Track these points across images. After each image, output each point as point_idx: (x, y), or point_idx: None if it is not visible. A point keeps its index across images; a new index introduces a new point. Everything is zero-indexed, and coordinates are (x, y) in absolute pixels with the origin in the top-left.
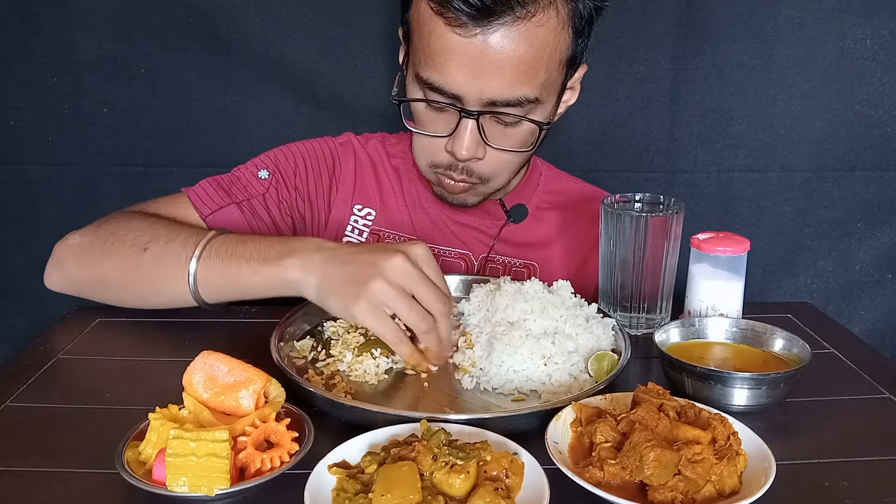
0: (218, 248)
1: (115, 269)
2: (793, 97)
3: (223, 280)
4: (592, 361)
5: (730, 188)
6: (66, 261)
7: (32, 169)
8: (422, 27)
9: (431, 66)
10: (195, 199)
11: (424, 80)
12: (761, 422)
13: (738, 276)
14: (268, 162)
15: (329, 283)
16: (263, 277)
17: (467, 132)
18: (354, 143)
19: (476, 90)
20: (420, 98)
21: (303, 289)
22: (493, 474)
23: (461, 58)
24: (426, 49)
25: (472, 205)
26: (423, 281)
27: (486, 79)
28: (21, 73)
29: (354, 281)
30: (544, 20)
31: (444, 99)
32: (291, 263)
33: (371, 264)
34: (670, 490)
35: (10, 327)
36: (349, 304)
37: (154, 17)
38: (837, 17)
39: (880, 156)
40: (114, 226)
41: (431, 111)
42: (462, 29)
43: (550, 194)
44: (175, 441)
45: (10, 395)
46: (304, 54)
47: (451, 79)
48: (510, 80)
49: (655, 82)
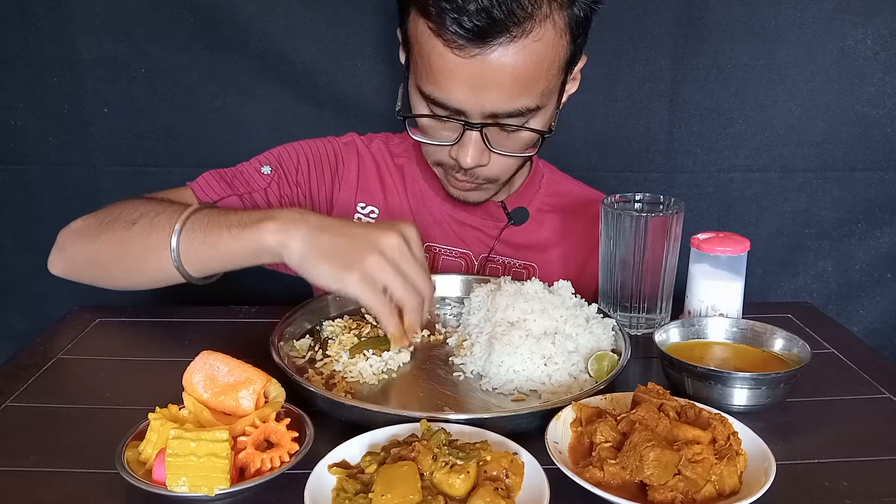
0: (201, 218)
1: (106, 246)
2: (793, 97)
3: (204, 249)
4: (592, 361)
5: (730, 188)
6: (66, 244)
7: (32, 169)
8: (421, 45)
9: (433, 83)
10: (197, 190)
11: (426, 94)
12: (761, 422)
13: (738, 276)
14: (271, 158)
15: (319, 251)
16: (243, 243)
17: (472, 143)
18: (358, 143)
19: (477, 105)
20: (425, 114)
21: (283, 253)
22: (493, 474)
23: (461, 77)
24: (426, 66)
25: (481, 202)
26: (413, 261)
27: (487, 94)
28: (21, 73)
29: (349, 252)
30: (541, 34)
31: (447, 112)
32: (270, 227)
33: (367, 239)
34: (670, 490)
35: (11, 327)
36: (342, 274)
37: (154, 16)
38: (838, 17)
39: (881, 156)
40: (115, 209)
41: (436, 121)
42: (460, 50)
43: (552, 197)
44: (175, 441)
45: (10, 395)
46: (305, 54)
47: (452, 95)
48: (510, 94)
49: (655, 82)
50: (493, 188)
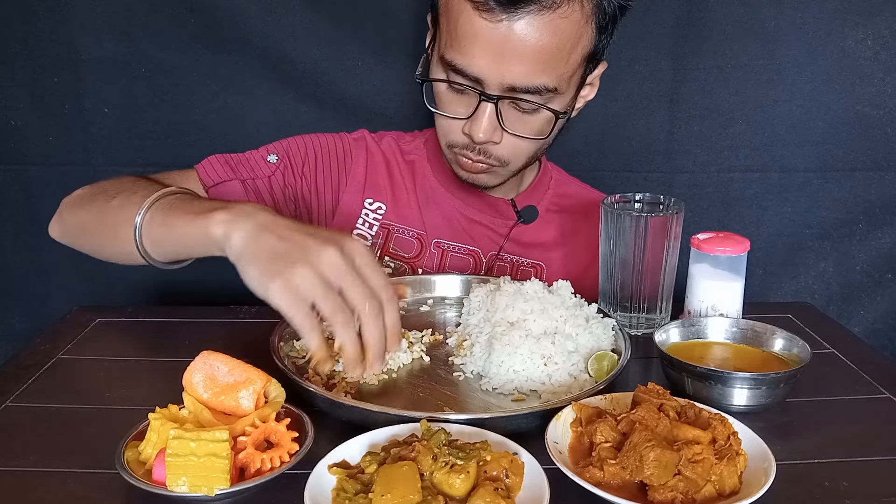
0: (171, 201)
1: (90, 215)
2: (793, 97)
3: (161, 230)
4: (592, 361)
5: (730, 188)
6: (63, 210)
7: (32, 169)
8: (450, 10)
9: (456, 49)
10: (200, 171)
11: (448, 61)
12: (761, 422)
13: (738, 276)
14: (279, 148)
15: (253, 251)
16: (194, 229)
17: (486, 115)
18: (368, 140)
19: (497, 75)
20: (442, 79)
21: (224, 247)
22: (493, 474)
23: (485, 42)
24: (452, 32)
25: (490, 186)
26: (353, 277)
27: (508, 65)
28: (21, 72)
29: (280, 258)
30: (568, 12)
31: (466, 81)
32: (219, 217)
33: (303, 247)
34: (670, 490)
35: (11, 327)
36: (265, 280)
37: (155, 16)
38: (838, 17)
39: (881, 156)
40: (109, 182)
41: (452, 93)
42: (489, 14)
43: (560, 198)
44: (175, 441)
45: (10, 395)
46: (306, 54)
47: (474, 62)
48: (531, 68)
49: (656, 82)
50: (503, 173)
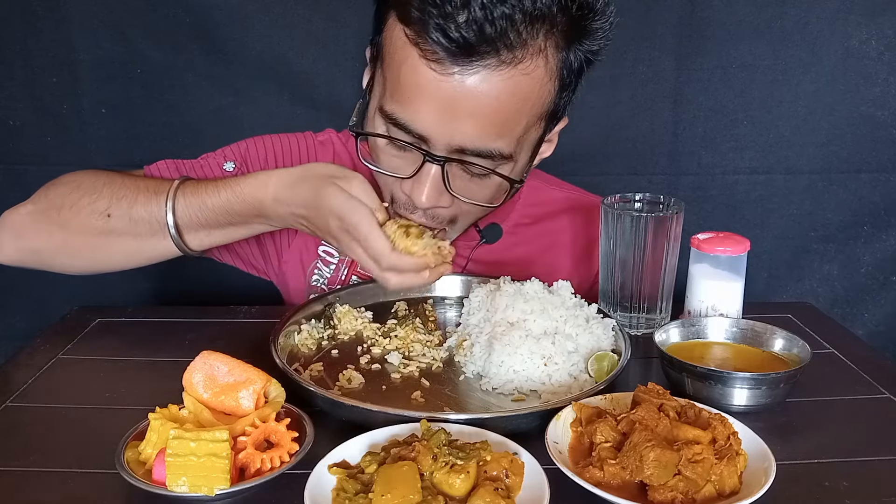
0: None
1: (81, 235)
2: (798, 98)
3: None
4: (592, 362)
5: (735, 190)
6: (23, 230)
7: (31, 169)
8: (394, 54)
9: (398, 101)
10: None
11: (388, 113)
12: (761, 422)
13: (737, 276)
14: (237, 152)
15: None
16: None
17: (430, 178)
18: (335, 141)
19: (445, 134)
20: (381, 134)
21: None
22: (493, 474)
23: (433, 96)
24: (395, 80)
25: None
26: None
27: (458, 124)
28: (20, 72)
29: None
30: (531, 69)
31: (408, 138)
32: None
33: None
34: (670, 490)
35: (11, 327)
36: None
37: (151, 17)
38: (843, 17)
39: (886, 158)
40: (63, 189)
41: (393, 148)
42: (438, 65)
43: (532, 208)
44: (175, 441)
45: (10, 395)
46: (301, 55)
47: (418, 118)
48: (484, 130)
49: (659, 83)
50: (451, 232)
